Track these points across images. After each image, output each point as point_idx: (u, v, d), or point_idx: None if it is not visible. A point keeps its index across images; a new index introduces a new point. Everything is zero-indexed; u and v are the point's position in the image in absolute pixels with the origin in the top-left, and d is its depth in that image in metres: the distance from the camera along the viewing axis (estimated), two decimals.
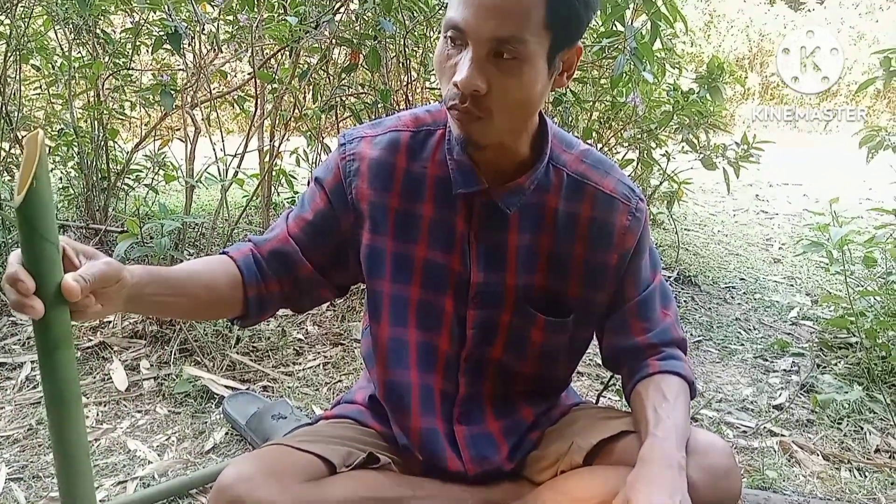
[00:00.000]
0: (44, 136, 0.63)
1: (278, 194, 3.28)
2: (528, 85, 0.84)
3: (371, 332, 1.06)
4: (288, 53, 2.36)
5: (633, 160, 3.05)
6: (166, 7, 2.24)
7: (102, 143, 2.98)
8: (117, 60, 3.00)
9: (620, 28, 2.34)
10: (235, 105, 2.95)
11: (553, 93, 2.50)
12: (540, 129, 0.98)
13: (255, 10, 2.43)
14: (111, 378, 1.96)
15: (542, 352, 1.05)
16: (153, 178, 3.02)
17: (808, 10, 10.63)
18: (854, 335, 2.43)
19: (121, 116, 3.17)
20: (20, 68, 2.91)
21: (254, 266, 1.01)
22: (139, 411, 1.82)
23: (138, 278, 0.82)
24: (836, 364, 2.32)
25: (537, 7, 0.80)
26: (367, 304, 1.04)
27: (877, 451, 1.79)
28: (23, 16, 2.64)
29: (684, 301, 2.96)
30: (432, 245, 1.00)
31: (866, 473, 1.67)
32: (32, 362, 2.04)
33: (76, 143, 2.91)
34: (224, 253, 1.02)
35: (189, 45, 2.26)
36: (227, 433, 1.72)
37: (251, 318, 1.03)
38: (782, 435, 1.86)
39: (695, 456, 0.91)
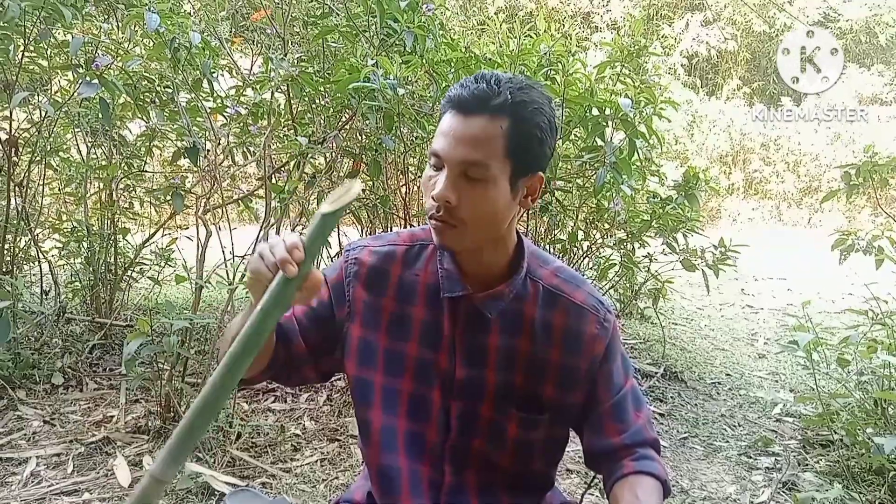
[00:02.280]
0: (359, 187, 0.88)
1: None
2: (491, 201, 1.02)
3: (360, 416, 1.17)
4: (296, 165, 2.54)
5: (616, 263, 3.21)
6: (185, 121, 2.44)
7: (112, 239, 3.13)
8: (131, 162, 3.20)
9: (601, 143, 2.55)
10: (243, 206, 3.13)
11: (541, 200, 2.69)
12: (518, 246, 1.14)
13: (265, 120, 2.64)
14: (114, 474, 2.02)
15: (519, 446, 1.14)
16: (158, 273, 3.15)
17: (788, 111, 11.16)
18: (835, 433, 2.52)
19: (132, 216, 3.34)
20: (44, 173, 3.08)
21: None
22: None
23: None
24: (817, 462, 2.40)
25: (498, 139, 0.99)
26: (355, 391, 1.16)
27: None
28: (48, 125, 2.84)
29: (671, 397, 3.04)
30: (422, 343, 1.13)
31: None
32: (38, 457, 2.10)
33: (86, 240, 3.06)
34: None
35: (205, 155, 2.45)
36: None
37: (261, 374, 1.15)
38: None
39: None
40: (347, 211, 1.02)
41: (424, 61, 2.43)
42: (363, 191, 3.07)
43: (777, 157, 11.18)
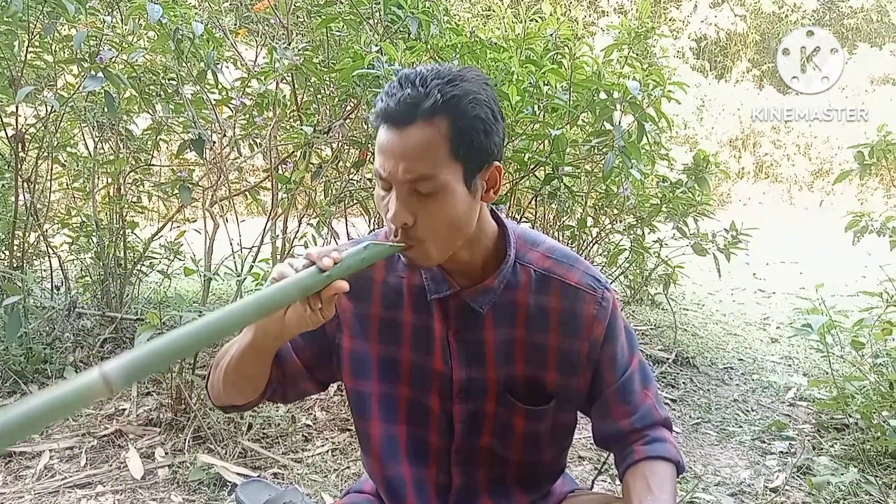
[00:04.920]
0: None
1: None
2: (449, 210, 0.95)
3: (359, 429, 1.14)
4: (302, 155, 2.53)
5: (626, 248, 3.18)
6: (190, 113, 2.43)
7: (121, 233, 3.13)
8: (139, 156, 3.20)
9: (609, 127, 2.52)
10: (250, 197, 3.13)
11: (549, 186, 2.66)
12: (501, 233, 1.08)
13: (270, 111, 2.63)
14: (127, 466, 2.03)
15: (527, 439, 1.12)
16: (167, 266, 3.16)
17: (796, 94, 11.03)
18: (850, 416, 2.49)
19: (140, 209, 3.34)
20: (51, 168, 3.09)
21: None
22: (154, 499, 1.88)
23: None
24: (832, 446, 2.37)
25: (438, 145, 0.91)
26: (353, 404, 1.13)
27: None
28: (54, 120, 2.84)
29: (683, 383, 3.03)
30: (415, 348, 1.09)
31: None
32: (51, 451, 2.11)
33: (95, 234, 3.06)
34: None
35: (211, 148, 2.44)
36: None
37: (256, 399, 1.11)
38: None
39: None
40: (396, 252, 1.00)
41: (429, 47, 2.41)
42: (369, 180, 3.05)
43: (787, 139, 11.07)
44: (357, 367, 1.11)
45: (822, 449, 2.36)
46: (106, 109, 2.56)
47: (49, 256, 3.19)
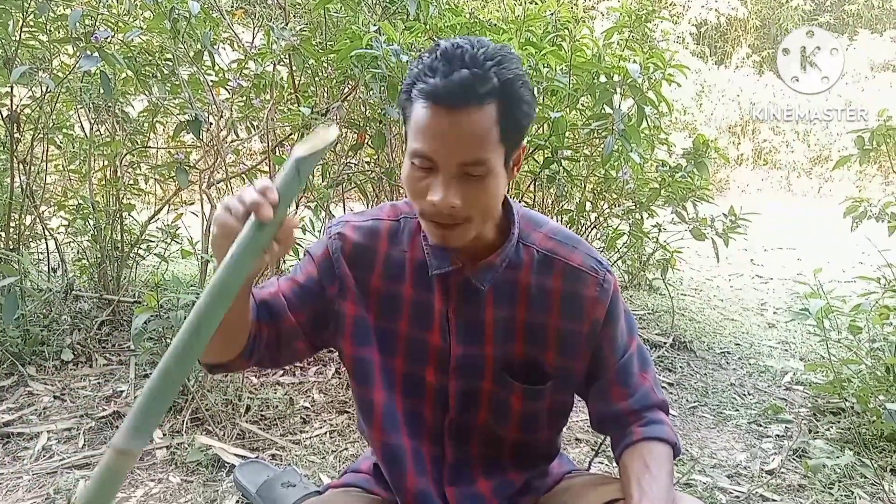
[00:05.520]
0: (336, 132, 0.82)
1: (284, 262, 3.41)
2: (493, 191, 0.96)
3: (360, 396, 1.13)
4: (299, 136, 2.51)
5: (624, 233, 3.18)
6: (186, 94, 2.41)
7: (117, 216, 3.12)
8: (135, 138, 3.18)
9: (609, 110, 2.51)
10: (247, 180, 3.11)
11: (548, 170, 2.66)
12: (505, 212, 1.08)
13: (268, 93, 2.61)
14: None
15: (523, 418, 1.12)
16: (165, 249, 3.15)
17: (795, 79, 10.99)
18: (846, 400, 2.50)
19: (137, 191, 3.33)
20: (47, 150, 3.07)
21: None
22: (153, 480, 1.89)
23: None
24: (828, 429, 2.38)
25: (491, 130, 0.91)
26: (354, 370, 1.12)
27: None
28: (50, 100, 2.82)
29: (680, 367, 3.03)
30: (413, 322, 1.09)
31: None
32: (49, 432, 2.11)
33: (92, 217, 3.05)
34: None
35: (207, 129, 2.42)
36: (237, 501, 1.79)
37: (242, 359, 1.06)
38: (774, 500, 1.91)
39: None
40: (323, 158, 0.91)
41: (428, 27, 2.39)
42: (367, 163, 3.04)
43: (787, 126, 11.03)
44: (359, 333, 1.10)
45: (818, 432, 2.37)
46: (102, 90, 2.54)
47: (45, 239, 3.17)
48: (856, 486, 1.98)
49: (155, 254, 3.22)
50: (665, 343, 3.24)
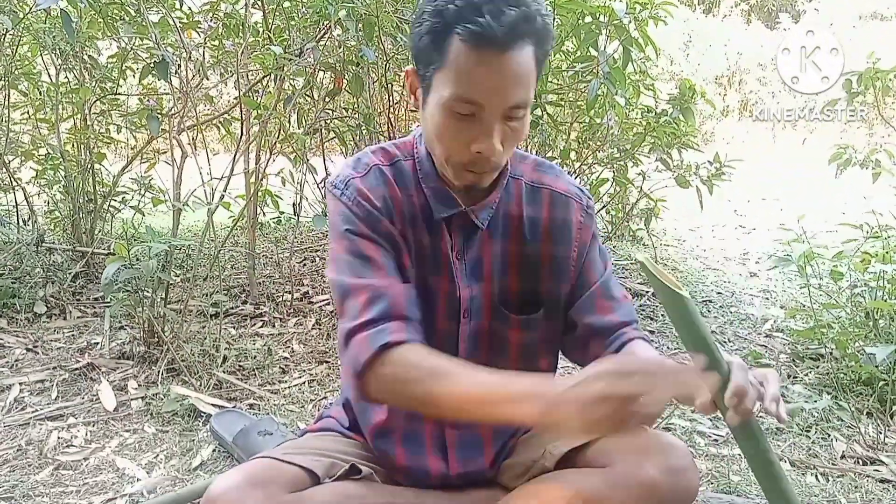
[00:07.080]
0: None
1: (264, 214, 3.34)
2: (523, 134, 0.97)
3: None
4: (273, 79, 2.42)
5: (608, 179, 3.13)
6: (153, 35, 2.31)
7: (89, 166, 3.03)
8: (104, 85, 3.05)
9: (594, 53, 2.43)
10: (221, 127, 3.02)
11: (531, 116, 2.59)
12: None
13: (240, 36, 2.50)
14: (99, 399, 2.00)
15: (522, 350, 1.12)
16: (139, 201, 3.06)
17: (784, 29, 10.88)
18: (825, 346, 2.51)
19: (107, 140, 3.22)
20: (9, 95, 2.95)
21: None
22: (127, 430, 1.86)
23: None
24: (806, 374, 2.40)
25: (533, 70, 0.92)
26: None
27: (842, 457, 1.86)
28: (11, 44, 2.69)
29: (662, 315, 3.03)
30: (423, 267, 1.07)
31: (830, 478, 1.74)
32: (21, 384, 2.07)
33: (62, 167, 2.95)
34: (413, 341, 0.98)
35: (176, 72, 2.33)
36: (214, 450, 1.76)
37: None
38: None
39: (657, 456, 0.98)
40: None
41: None
42: (346, 110, 2.95)
43: (774, 76, 10.95)
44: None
45: (796, 378, 2.39)
46: (66, 33, 2.42)
47: (13, 190, 3.08)
48: (832, 429, 2.00)
49: (131, 206, 3.13)
50: (647, 292, 3.24)
